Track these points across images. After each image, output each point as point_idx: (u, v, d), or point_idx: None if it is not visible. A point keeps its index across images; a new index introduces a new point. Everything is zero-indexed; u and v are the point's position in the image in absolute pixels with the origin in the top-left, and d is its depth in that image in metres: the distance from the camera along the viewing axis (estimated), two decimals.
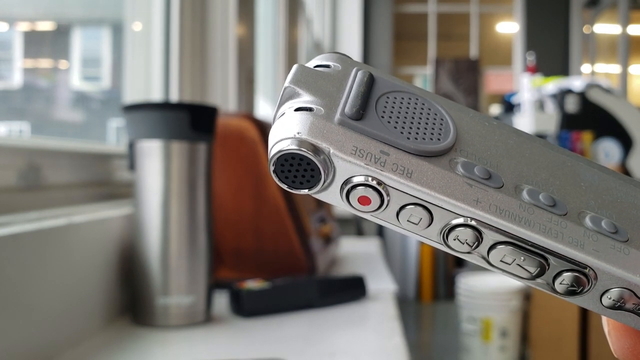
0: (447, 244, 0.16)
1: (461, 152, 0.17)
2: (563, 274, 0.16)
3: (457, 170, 0.16)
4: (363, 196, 0.16)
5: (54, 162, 0.58)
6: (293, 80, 0.17)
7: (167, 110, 0.53)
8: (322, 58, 0.19)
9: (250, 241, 0.68)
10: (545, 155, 0.18)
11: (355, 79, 0.17)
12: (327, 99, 0.17)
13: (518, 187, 0.17)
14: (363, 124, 0.16)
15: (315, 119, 0.16)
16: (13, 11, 0.72)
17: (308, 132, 0.16)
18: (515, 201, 0.16)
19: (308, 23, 2.73)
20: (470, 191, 0.16)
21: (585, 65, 4.47)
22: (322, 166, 0.16)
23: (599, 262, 0.16)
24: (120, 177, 0.71)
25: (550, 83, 2.71)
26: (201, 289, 0.53)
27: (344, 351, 0.48)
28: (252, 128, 0.67)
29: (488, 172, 0.17)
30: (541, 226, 0.16)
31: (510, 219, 0.16)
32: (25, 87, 0.75)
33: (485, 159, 0.17)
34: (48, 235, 0.42)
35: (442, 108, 0.18)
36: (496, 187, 0.16)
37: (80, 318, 0.47)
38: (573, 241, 0.16)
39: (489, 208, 0.16)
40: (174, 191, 0.52)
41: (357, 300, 0.63)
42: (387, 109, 0.17)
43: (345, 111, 0.16)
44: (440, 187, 0.16)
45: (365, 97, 0.17)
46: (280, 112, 0.17)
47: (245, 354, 0.46)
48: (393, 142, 0.16)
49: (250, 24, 1.14)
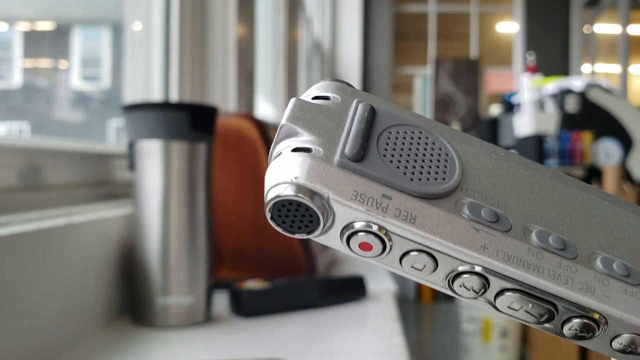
0: (453, 289, 0.16)
1: (467, 191, 0.16)
2: (572, 320, 0.16)
3: (463, 213, 0.15)
4: (364, 242, 0.15)
5: (54, 162, 0.58)
6: (290, 117, 0.16)
7: (167, 110, 0.53)
8: (321, 88, 0.18)
9: (250, 241, 0.68)
10: (555, 189, 0.17)
11: (355, 113, 0.16)
12: (325, 137, 0.16)
13: (527, 229, 0.16)
14: (364, 165, 0.15)
15: (314, 161, 0.15)
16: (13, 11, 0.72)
17: (306, 176, 0.15)
18: (524, 245, 0.16)
19: (308, 23, 2.73)
20: (477, 236, 0.15)
21: (585, 65, 4.47)
22: (320, 212, 0.15)
23: (610, 309, 0.15)
24: (120, 177, 0.71)
25: (550, 83, 2.71)
26: (201, 289, 0.53)
27: (344, 351, 0.48)
28: (252, 128, 0.67)
29: (496, 214, 0.16)
30: (550, 272, 0.15)
31: (519, 265, 0.15)
32: (25, 87, 0.75)
33: (493, 197, 0.16)
34: (48, 236, 0.42)
35: (446, 141, 0.17)
36: (504, 230, 0.16)
37: (79, 318, 0.47)
38: (583, 287, 0.15)
39: (496, 254, 0.15)
40: (173, 191, 0.52)
41: (357, 300, 0.63)
42: (389, 146, 0.16)
43: (345, 152, 0.15)
44: (445, 232, 0.15)
45: (366, 134, 0.16)
46: (277, 151, 0.16)
47: (245, 354, 0.46)
48: (395, 184, 0.15)
49: (250, 24, 1.14)
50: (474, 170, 0.17)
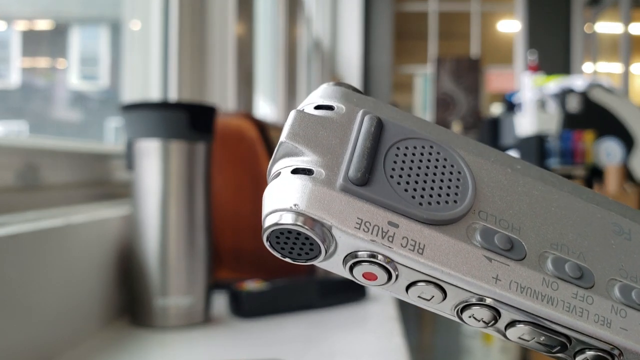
0: (462, 319, 0.15)
1: (480, 214, 0.15)
2: (586, 352, 0.15)
3: (475, 240, 0.14)
4: (368, 272, 0.15)
5: (52, 162, 0.58)
6: (290, 134, 0.15)
7: (166, 109, 0.53)
8: (325, 95, 0.16)
9: (250, 241, 0.67)
10: (574, 207, 0.16)
11: (361, 127, 0.15)
12: (328, 156, 0.15)
13: (542, 256, 0.15)
14: (369, 189, 0.14)
15: (315, 185, 0.14)
16: (11, 10, 0.72)
17: (307, 204, 0.14)
18: (539, 276, 0.15)
19: (308, 22, 2.73)
20: (489, 267, 0.14)
21: (587, 63, 4.47)
22: (321, 241, 0.14)
23: (627, 342, 0.15)
24: (118, 177, 0.71)
25: (551, 82, 2.71)
26: (200, 290, 0.53)
27: (344, 352, 0.48)
28: (251, 128, 0.66)
29: (510, 241, 0.15)
30: (565, 304, 0.14)
31: (532, 297, 0.14)
32: (23, 86, 0.75)
33: (507, 220, 0.15)
34: (46, 236, 0.42)
35: (459, 157, 0.16)
36: (518, 259, 0.15)
37: (78, 319, 0.47)
38: (599, 320, 0.15)
39: (509, 287, 0.14)
40: (172, 191, 0.52)
41: (357, 302, 0.63)
42: (397, 165, 0.15)
43: (349, 175, 0.14)
44: (455, 263, 0.14)
45: (372, 154, 0.15)
46: (276, 170, 0.15)
47: (245, 355, 0.46)
48: (403, 210, 0.14)
49: (250, 23, 1.13)
50: (488, 189, 0.15)
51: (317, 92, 0.17)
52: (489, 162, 0.16)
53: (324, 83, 0.17)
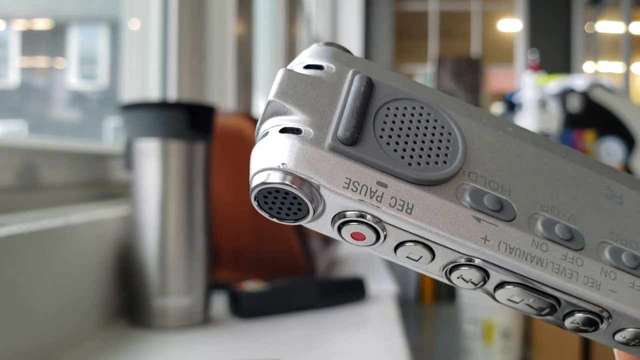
0: (450, 280, 0.15)
1: (470, 175, 0.15)
2: (575, 314, 0.15)
3: (465, 201, 0.14)
4: (357, 232, 0.15)
5: (51, 162, 0.57)
6: (279, 92, 0.15)
7: (165, 109, 0.53)
8: (314, 55, 0.16)
9: (249, 242, 0.67)
10: (565, 169, 0.16)
11: (351, 87, 0.15)
12: (317, 115, 0.15)
13: (532, 217, 0.15)
14: (358, 149, 0.14)
15: (303, 145, 0.14)
16: (10, 9, 0.72)
17: (294, 163, 0.14)
18: (528, 236, 0.15)
19: (308, 21, 2.73)
20: (477, 228, 0.14)
21: (587, 63, 4.46)
22: (309, 200, 0.14)
23: (616, 304, 0.15)
24: (117, 176, 0.71)
25: (552, 81, 2.70)
26: (199, 290, 0.53)
27: (344, 353, 0.47)
28: (251, 127, 0.66)
29: (499, 202, 0.15)
30: (555, 266, 0.14)
31: (521, 258, 0.14)
32: (22, 86, 0.75)
33: (497, 182, 0.15)
34: (45, 236, 0.42)
35: (450, 118, 0.15)
36: (507, 219, 0.15)
37: (77, 319, 0.47)
38: (589, 282, 0.15)
39: (498, 247, 0.14)
40: (171, 191, 0.52)
41: (357, 302, 0.62)
42: (387, 126, 0.15)
43: (338, 134, 0.14)
44: (444, 223, 0.14)
45: (362, 113, 0.15)
46: (264, 129, 0.15)
47: (244, 355, 0.46)
48: (392, 170, 0.14)
49: (249, 22, 1.13)
50: (479, 151, 0.15)
51: (306, 52, 0.16)
52: (480, 124, 0.16)
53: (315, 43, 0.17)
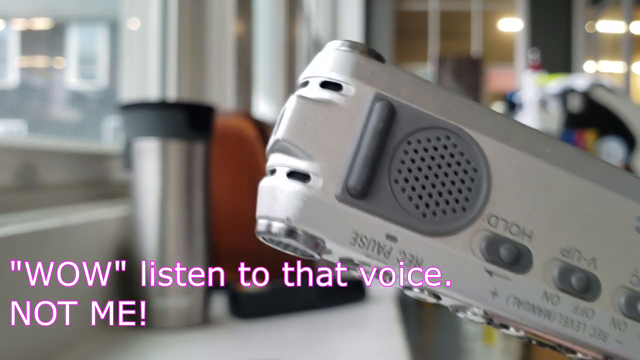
0: (457, 314, 0.15)
1: (490, 220, 0.14)
2: (577, 353, 0.15)
3: (479, 251, 0.14)
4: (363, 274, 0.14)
5: (50, 162, 0.57)
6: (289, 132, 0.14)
7: (165, 109, 0.52)
8: (337, 65, 0.15)
9: (249, 242, 0.67)
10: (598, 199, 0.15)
11: (369, 120, 0.14)
12: (328, 159, 0.14)
13: (549, 264, 0.14)
14: (369, 201, 0.13)
15: (310, 197, 0.13)
16: (9, 8, 0.71)
17: (299, 218, 0.13)
18: (540, 288, 0.14)
19: (308, 21, 2.73)
20: (488, 282, 0.14)
21: (588, 62, 4.45)
22: (312, 250, 0.14)
23: (619, 354, 0.14)
24: (116, 176, 0.70)
25: (553, 81, 2.70)
26: (199, 290, 0.53)
27: (344, 353, 0.47)
28: (250, 127, 0.66)
29: (517, 252, 0.14)
30: (562, 318, 0.14)
31: (528, 311, 0.14)
32: (21, 85, 0.75)
33: (519, 224, 0.14)
34: (44, 236, 0.42)
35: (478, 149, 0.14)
36: (522, 271, 0.14)
37: (77, 319, 0.47)
38: (595, 333, 0.14)
39: (506, 302, 0.14)
40: (171, 191, 0.52)
41: (357, 302, 0.62)
42: (405, 166, 0.14)
43: (349, 186, 0.13)
44: (453, 278, 0.13)
45: (376, 160, 0.13)
46: (272, 163, 0.15)
47: (244, 356, 0.45)
48: (404, 223, 0.13)
49: (249, 22, 1.13)
50: (505, 186, 0.14)
51: (327, 60, 0.15)
52: (512, 149, 0.14)
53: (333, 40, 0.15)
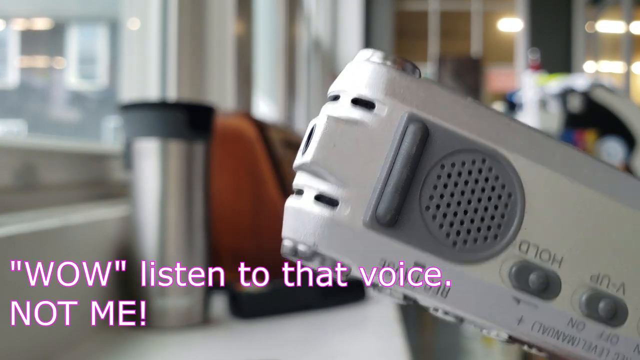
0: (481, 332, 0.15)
1: (521, 246, 0.13)
2: None
3: (507, 279, 0.13)
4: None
5: (50, 162, 0.57)
6: (319, 155, 0.13)
7: (165, 109, 0.52)
8: (370, 83, 0.14)
9: (249, 242, 0.67)
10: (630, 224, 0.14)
11: (401, 143, 0.13)
12: (357, 186, 0.13)
13: (578, 291, 0.14)
14: (398, 229, 0.13)
15: (337, 224, 0.13)
16: (9, 8, 0.71)
17: (326, 245, 0.13)
18: (567, 315, 0.14)
19: (308, 21, 2.72)
20: (515, 309, 0.13)
21: (588, 62, 4.45)
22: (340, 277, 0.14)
23: None
24: (116, 177, 0.70)
25: (553, 81, 2.70)
26: (199, 290, 0.53)
27: (344, 353, 0.47)
28: (250, 127, 0.66)
29: (546, 279, 0.13)
30: (586, 344, 0.14)
31: (552, 336, 0.14)
32: (21, 85, 0.75)
33: (550, 250, 0.14)
34: (43, 237, 0.42)
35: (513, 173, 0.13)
36: (550, 298, 0.13)
37: (77, 319, 0.47)
38: (618, 358, 0.14)
39: (531, 328, 0.13)
40: (171, 191, 0.52)
41: (357, 303, 0.62)
42: (437, 192, 0.13)
43: (378, 214, 0.13)
44: (479, 306, 0.13)
45: (407, 187, 0.13)
46: (299, 182, 0.14)
47: (244, 356, 0.45)
48: (433, 251, 0.13)
49: (249, 22, 1.13)
50: (538, 210, 0.14)
51: (360, 74, 0.14)
52: (548, 170, 0.14)
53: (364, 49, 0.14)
